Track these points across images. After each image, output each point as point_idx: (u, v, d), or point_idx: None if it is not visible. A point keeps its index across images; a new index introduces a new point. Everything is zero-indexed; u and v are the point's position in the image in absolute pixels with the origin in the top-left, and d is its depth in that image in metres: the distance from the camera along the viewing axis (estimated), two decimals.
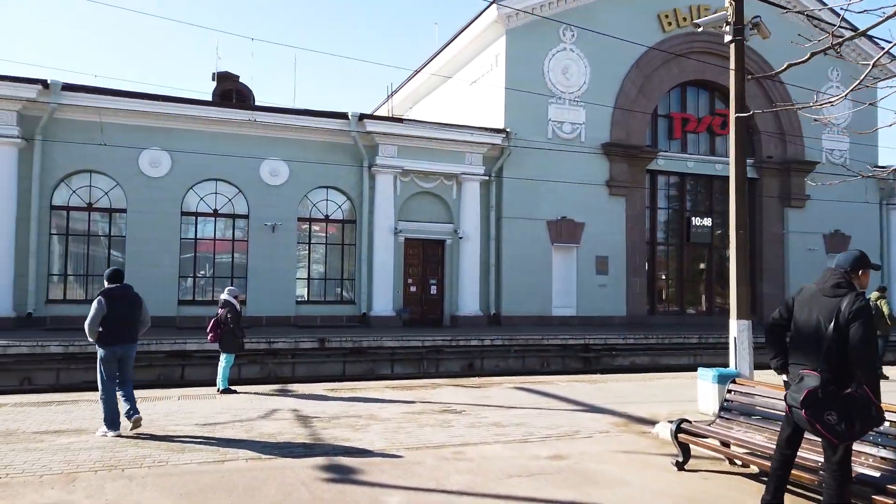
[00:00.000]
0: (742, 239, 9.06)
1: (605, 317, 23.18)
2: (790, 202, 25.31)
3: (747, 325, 9.05)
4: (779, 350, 5.10)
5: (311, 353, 17.52)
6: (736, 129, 9.25)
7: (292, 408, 9.17)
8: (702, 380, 9.04)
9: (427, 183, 21.76)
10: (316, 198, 21.16)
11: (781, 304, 5.14)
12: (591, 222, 23.07)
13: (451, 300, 22.05)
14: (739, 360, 8.98)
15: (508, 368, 19.08)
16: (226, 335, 10.47)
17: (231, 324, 10.46)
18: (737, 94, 9.33)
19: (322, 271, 21.47)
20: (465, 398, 9.99)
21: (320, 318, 20.73)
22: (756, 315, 25.41)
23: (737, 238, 9.05)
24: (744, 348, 8.99)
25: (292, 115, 20.39)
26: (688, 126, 24.68)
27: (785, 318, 5.06)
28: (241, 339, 10.69)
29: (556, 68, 22.80)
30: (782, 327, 5.10)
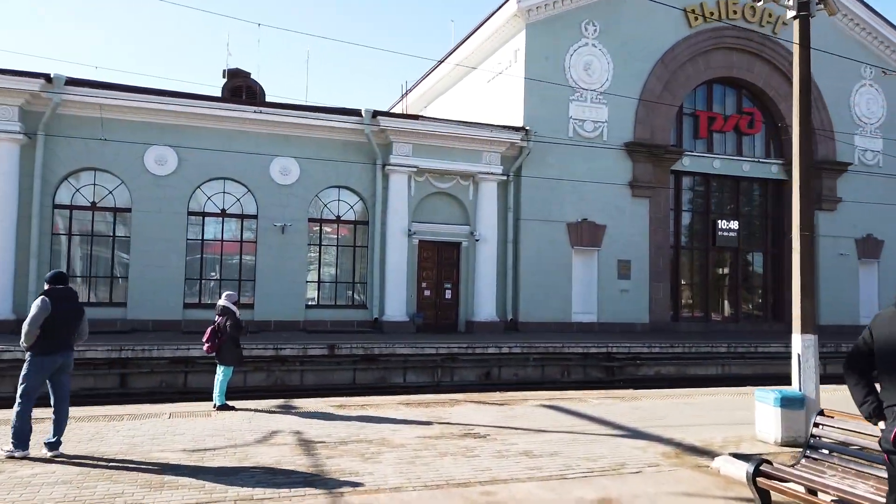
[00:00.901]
0: (807, 242, 7.84)
1: (626, 323, 21.91)
2: (821, 205, 23.92)
3: (813, 340, 7.82)
4: (869, 391, 3.89)
5: (320, 361, 16.41)
6: (800, 114, 8.01)
7: (295, 429, 8.03)
8: (761, 402, 7.82)
9: (442, 183, 20.61)
10: (327, 198, 20.06)
11: (860, 337, 3.96)
12: (613, 225, 21.82)
13: (466, 305, 20.87)
14: (805, 381, 7.74)
15: (527, 377, 17.90)
16: (224, 346, 9.35)
17: (231, 333, 9.34)
18: (801, 78, 8.10)
19: (333, 274, 20.36)
20: (487, 418, 8.82)
21: (331, 323, 19.62)
22: (784, 322, 24.04)
23: (801, 241, 7.83)
24: (810, 367, 7.75)
25: (304, 112, 19.31)
26: (714, 125, 23.37)
27: (866, 350, 3.87)
28: (241, 350, 9.56)
29: (577, 64, 21.59)
30: (867, 362, 3.90)
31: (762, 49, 23.39)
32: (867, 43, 24.68)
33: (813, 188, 23.73)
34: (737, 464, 6.23)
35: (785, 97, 23.74)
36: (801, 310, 7.78)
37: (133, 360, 15.18)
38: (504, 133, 20.55)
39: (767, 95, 23.74)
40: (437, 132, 20.02)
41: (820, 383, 7.90)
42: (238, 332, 9.42)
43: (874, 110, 24.70)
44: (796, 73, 8.09)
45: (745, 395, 11.43)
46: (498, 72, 22.61)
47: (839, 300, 24.13)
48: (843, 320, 24.18)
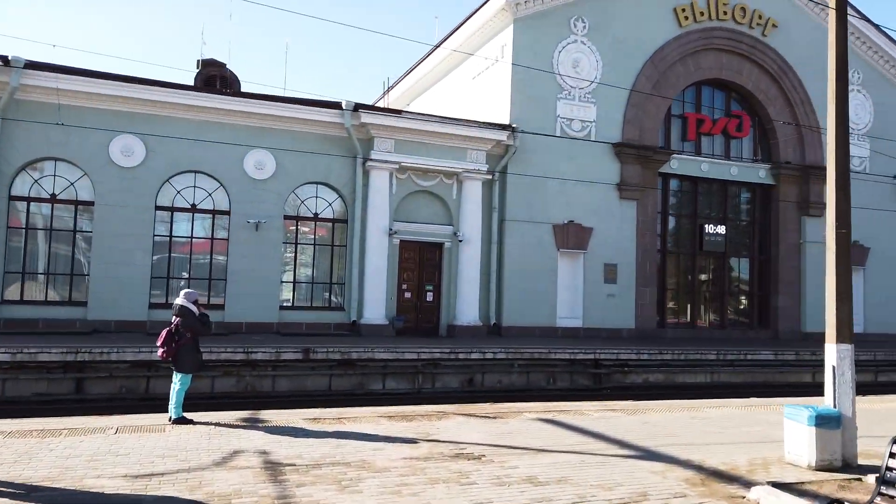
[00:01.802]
0: (844, 241, 6.87)
1: (612, 329, 20.96)
2: (808, 210, 23.25)
3: (849, 350, 6.85)
4: None
5: (293, 365, 15.18)
6: (837, 92, 7.02)
7: (261, 448, 6.85)
8: (792, 420, 6.82)
9: (425, 181, 19.50)
10: (304, 194, 18.84)
11: None
12: (600, 227, 20.88)
13: (448, 308, 19.77)
14: (840, 396, 6.77)
15: (512, 385, 16.86)
16: (182, 351, 8.12)
17: (189, 336, 8.12)
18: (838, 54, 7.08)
19: (309, 274, 19.13)
20: (480, 435, 7.72)
21: (306, 326, 18.40)
22: (770, 329, 23.34)
23: (837, 239, 6.86)
24: (846, 381, 6.78)
25: (281, 104, 18.09)
26: (702, 127, 22.58)
27: None
28: (201, 355, 8.33)
29: (566, 61, 20.65)
30: None
31: (752, 51, 22.69)
32: (856, 48, 24.11)
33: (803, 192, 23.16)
34: (782, 497, 5.21)
35: (773, 100, 23.08)
36: (836, 316, 6.82)
37: (90, 364, 13.83)
38: (490, 131, 19.52)
39: (756, 98, 23.02)
40: (420, 128, 18.93)
41: None
42: (204, 331, 8.18)
43: (861, 116, 24.13)
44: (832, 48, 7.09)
45: (752, 407, 10.50)
46: (484, 67, 21.59)
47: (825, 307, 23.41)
48: None
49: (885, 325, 24.27)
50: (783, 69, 22.97)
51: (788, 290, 23.28)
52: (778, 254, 23.31)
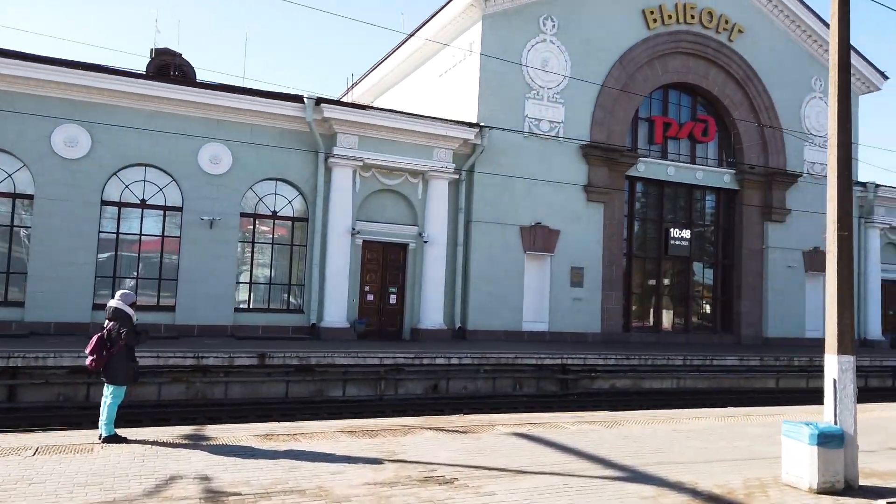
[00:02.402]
0: (847, 244, 6.28)
1: (578, 333, 20.41)
2: (771, 216, 23.11)
3: (851, 362, 6.26)
4: None
5: (248, 371, 14.16)
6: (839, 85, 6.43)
7: (202, 473, 5.93)
8: (791, 439, 6.20)
9: (390, 179, 18.64)
10: (263, 191, 17.79)
11: None
12: (568, 230, 20.31)
13: (412, 311, 18.93)
14: (841, 412, 6.17)
15: (478, 391, 16.11)
16: (115, 360, 7.11)
17: (123, 343, 7.12)
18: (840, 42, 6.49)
19: (267, 275, 18.07)
20: (451, 453, 6.92)
21: (262, 329, 17.35)
22: (733, 334, 23.12)
23: (838, 242, 6.26)
24: (847, 395, 6.18)
25: (239, 96, 17.00)
26: (669, 131, 22.23)
27: None
28: (136, 364, 7.33)
29: (534, 60, 20.04)
30: None
31: (718, 56, 22.44)
32: (818, 56, 24.11)
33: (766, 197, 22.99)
34: None
35: (738, 105, 22.90)
36: (837, 325, 6.21)
37: (24, 370, 12.61)
38: (457, 129, 18.76)
39: (721, 104, 22.79)
40: (385, 124, 18.06)
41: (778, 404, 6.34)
42: (135, 341, 7.22)
43: (823, 123, 24.12)
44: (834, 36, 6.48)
45: (731, 418, 9.94)
46: (451, 65, 20.85)
47: (787, 313, 23.35)
48: (790, 333, 23.42)
49: None
50: (748, 75, 22.79)
51: (751, 296, 23.10)
52: (741, 259, 23.11)
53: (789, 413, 10.47)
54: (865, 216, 24.52)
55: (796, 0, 23.25)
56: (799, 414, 10.36)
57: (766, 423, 9.43)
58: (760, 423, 9.42)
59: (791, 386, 19.45)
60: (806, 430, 6.04)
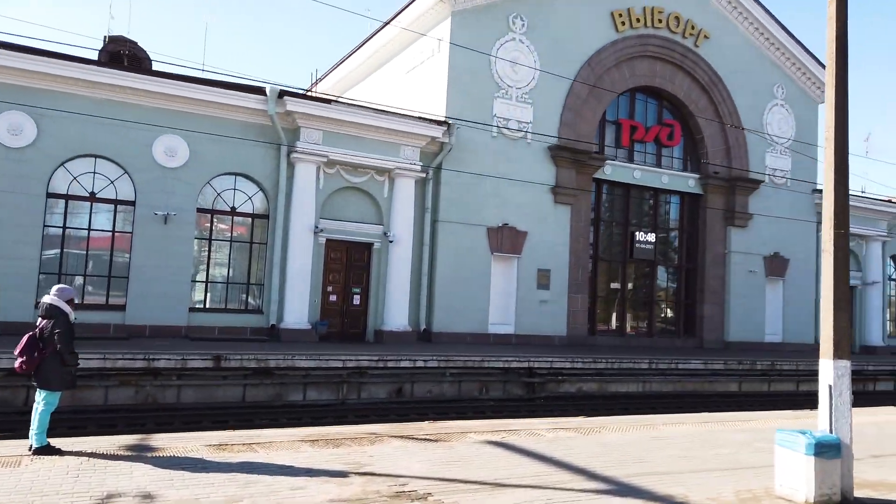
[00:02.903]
0: (844, 243, 5.91)
1: (544, 336, 20.02)
2: (734, 221, 23.13)
3: (848, 368, 5.89)
4: None
5: (202, 374, 13.32)
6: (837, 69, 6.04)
7: (145, 490, 5.22)
8: (784, 448, 5.79)
9: (355, 177, 17.97)
10: (221, 186, 16.93)
11: None
12: (535, 231, 19.92)
13: (376, 313, 18.27)
14: (837, 420, 5.79)
15: (443, 395, 15.54)
16: (47, 362, 6.31)
17: (58, 344, 6.34)
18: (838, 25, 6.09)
19: (225, 274, 17.20)
20: (422, 465, 6.33)
21: (219, 330, 16.47)
22: (695, 338, 23.06)
23: (835, 241, 5.89)
24: (844, 402, 5.81)
25: (197, 86, 16.13)
26: (636, 134, 22.06)
27: None
28: (73, 368, 6.53)
29: (503, 59, 19.61)
30: None
31: (684, 61, 22.38)
32: (780, 63, 24.29)
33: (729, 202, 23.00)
34: None
35: (703, 111, 22.88)
36: (833, 328, 5.84)
37: None
38: (425, 126, 18.19)
39: (687, 108, 22.74)
40: (351, 120, 17.39)
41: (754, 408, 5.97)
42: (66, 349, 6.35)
43: (784, 130, 24.30)
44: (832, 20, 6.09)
45: (708, 423, 9.59)
46: (419, 61, 20.29)
47: (748, 317, 23.40)
48: (750, 337, 23.47)
49: (800, 335, 24.46)
50: (713, 80, 22.79)
51: (713, 300, 23.07)
52: (704, 263, 23.07)
53: (765, 419, 10.18)
54: None
55: (760, 8, 23.36)
56: (775, 420, 10.08)
57: (744, 430, 9.09)
58: (738, 430, 9.08)
59: (753, 390, 19.41)
60: (802, 439, 5.64)
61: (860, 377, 20.82)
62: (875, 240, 25.60)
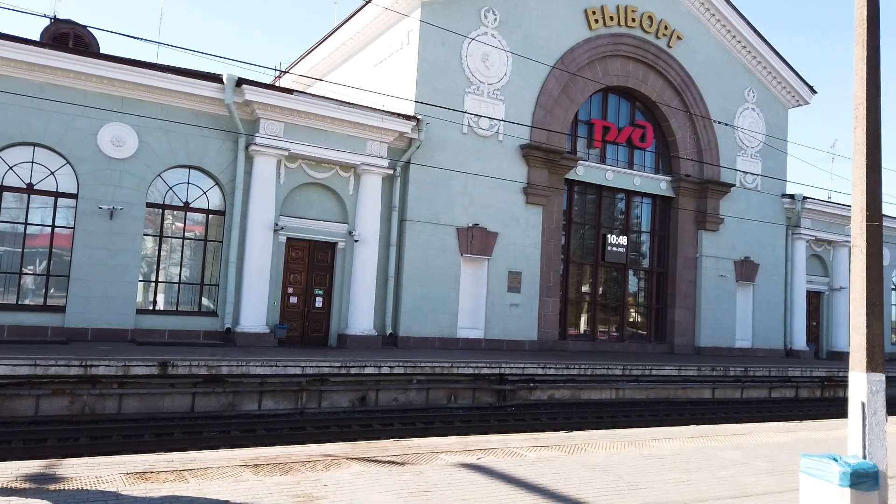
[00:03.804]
0: (877, 237, 5.03)
1: (514, 341, 19.08)
2: (705, 224, 22.53)
3: (882, 382, 5.00)
4: None
5: (146, 382, 12.01)
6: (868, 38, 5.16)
7: None
8: (813, 477, 4.85)
9: (319, 172, 16.80)
10: (173, 179, 15.59)
11: None
12: (506, 232, 18.98)
13: (340, 316, 17.10)
14: (871, 442, 4.89)
15: (409, 403, 14.46)
16: None
17: None
18: None
19: (176, 273, 15.85)
20: (387, 497, 5.25)
21: (169, 333, 15.13)
22: (666, 343, 22.38)
23: (867, 234, 5.00)
24: (879, 422, 4.91)
25: (148, 71, 14.79)
26: (608, 135, 21.30)
27: None
28: None
29: (475, 54, 18.66)
30: None
31: (657, 61, 21.73)
32: (752, 67, 23.84)
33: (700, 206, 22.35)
34: None
35: (675, 112, 22.26)
36: (866, 336, 4.95)
37: None
38: (393, 121, 17.12)
39: (660, 110, 22.09)
40: (315, 112, 16.23)
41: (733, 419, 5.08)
42: None
43: (755, 134, 23.86)
44: None
45: (699, 438, 8.69)
46: (388, 54, 19.22)
47: (718, 322, 22.81)
48: (721, 342, 22.89)
49: (770, 341, 24.01)
50: (686, 82, 22.21)
51: (684, 304, 22.43)
52: (676, 267, 22.42)
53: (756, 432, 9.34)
54: (793, 228, 24.38)
55: (733, 10, 22.87)
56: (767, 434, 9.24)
57: (739, 446, 8.21)
58: (732, 446, 8.20)
59: (727, 396, 18.76)
60: (835, 468, 4.73)
61: (832, 383, 20.41)
62: (842, 245, 25.33)
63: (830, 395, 20.38)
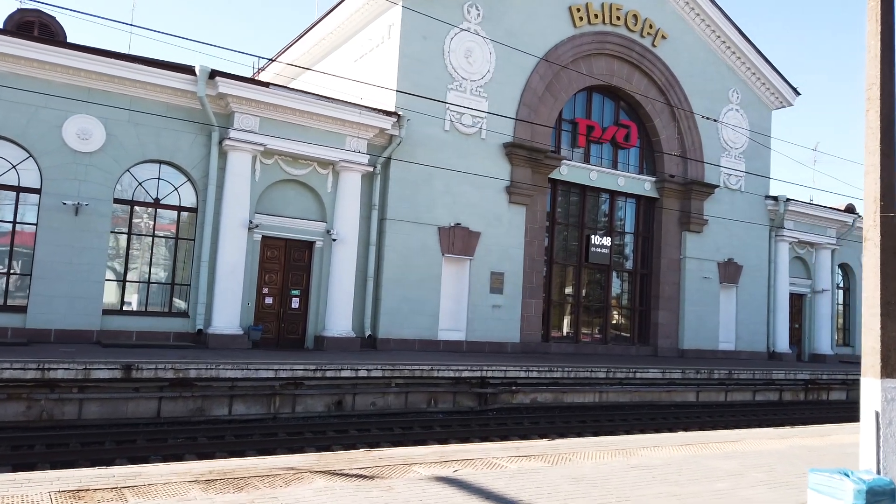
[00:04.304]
0: (891, 229, 4.54)
1: (497, 343, 18.55)
2: (689, 226, 22.16)
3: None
4: None
5: (109, 386, 11.31)
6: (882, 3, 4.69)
7: None
8: (824, 495, 4.34)
9: (296, 169, 16.16)
10: (143, 174, 14.88)
11: None
12: (488, 232, 18.46)
13: (317, 317, 16.45)
14: (886, 455, 4.40)
15: (388, 407, 13.85)
16: None
17: None
18: None
19: (146, 272, 15.12)
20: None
21: (137, 335, 14.40)
22: (650, 346, 21.96)
23: (882, 226, 4.52)
24: (894, 433, 4.42)
25: (116, 62, 14.08)
26: (592, 134, 20.86)
27: None
28: None
29: (458, 49, 18.13)
30: None
31: (641, 60, 21.34)
32: (736, 67, 23.55)
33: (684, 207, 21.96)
34: None
35: (660, 112, 21.90)
36: (881, 339, 4.45)
37: None
38: (373, 116, 16.52)
39: (644, 110, 21.69)
40: (291, 106, 15.59)
41: None
42: None
43: (739, 134, 23.55)
44: None
45: (689, 447, 8.19)
46: (368, 49, 18.62)
47: (702, 325, 22.43)
48: (704, 345, 22.53)
49: (753, 344, 23.70)
50: (670, 82, 21.84)
51: (668, 306, 22.02)
52: (659, 268, 22.01)
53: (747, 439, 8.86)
54: (776, 229, 24.10)
55: (717, 10, 22.56)
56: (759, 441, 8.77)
57: (731, 454, 7.72)
58: (724, 454, 7.71)
59: (711, 400, 18.36)
60: (848, 485, 4.22)
61: (815, 386, 20.11)
62: (824, 247, 25.12)
63: (814, 397, 20.07)
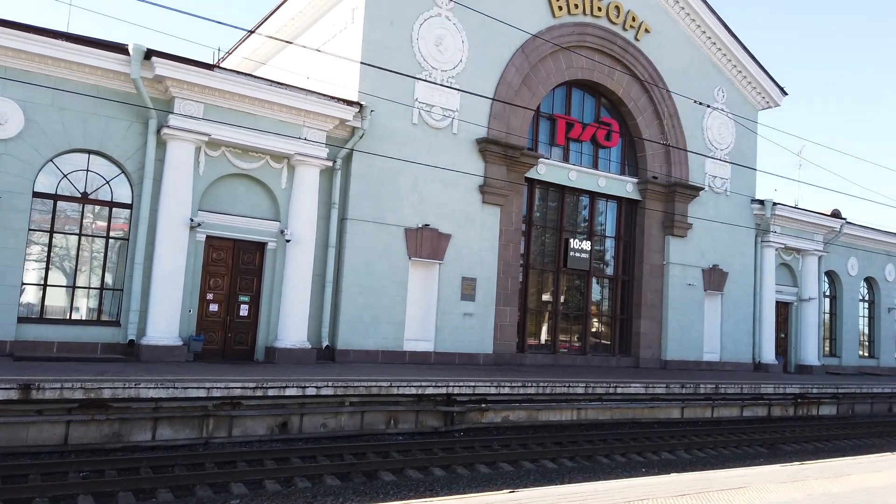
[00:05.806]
0: None
1: (468, 354, 16.85)
2: (673, 229, 20.64)
3: None
4: None
5: (4, 409, 9.44)
6: None
7: None
8: None
9: (246, 162, 14.36)
10: (69, 165, 13.00)
11: None
12: (459, 235, 16.78)
13: (268, 326, 14.64)
14: None
15: (341, 429, 12.09)
16: None
17: None
18: None
19: (70, 274, 13.23)
20: None
21: (59, 346, 12.50)
22: (631, 357, 20.37)
23: None
24: None
25: (39, 37, 12.20)
26: (572, 132, 19.29)
27: None
28: None
29: (427, 37, 16.46)
30: None
31: (624, 55, 19.83)
32: (722, 65, 22.13)
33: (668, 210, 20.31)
34: None
35: (643, 110, 20.38)
36: None
37: None
38: (332, 106, 14.77)
39: (626, 107, 20.17)
40: (241, 92, 13.79)
41: None
42: None
43: (725, 137, 22.13)
44: None
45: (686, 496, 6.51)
46: (331, 35, 16.89)
47: (686, 334, 20.90)
48: (688, 356, 20.99)
49: (738, 354, 22.24)
50: (653, 78, 20.34)
51: (650, 315, 20.47)
52: (642, 274, 20.46)
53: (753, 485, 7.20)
54: (762, 234, 22.68)
55: (703, 5, 21.14)
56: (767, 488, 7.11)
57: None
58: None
59: (697, 416, 16.80)
60: None
61: (805, 400, 18.64)
62: (811, 254, 23.76)
63: (804, 412, 18.60)
